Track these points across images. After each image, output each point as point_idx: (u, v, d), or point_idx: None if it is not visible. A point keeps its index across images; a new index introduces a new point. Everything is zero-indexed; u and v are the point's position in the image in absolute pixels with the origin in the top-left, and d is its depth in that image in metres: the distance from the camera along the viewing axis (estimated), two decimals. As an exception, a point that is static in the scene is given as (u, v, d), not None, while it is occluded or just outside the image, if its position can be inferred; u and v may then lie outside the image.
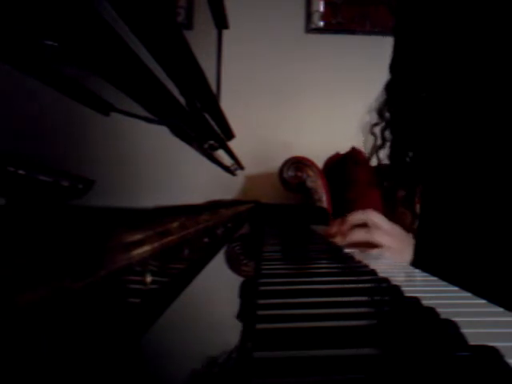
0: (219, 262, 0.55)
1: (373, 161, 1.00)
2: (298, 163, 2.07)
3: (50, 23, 0.23)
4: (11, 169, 0.20)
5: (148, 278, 0.26)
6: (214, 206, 0.69)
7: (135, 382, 0.22)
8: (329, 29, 2.42)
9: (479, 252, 0.73)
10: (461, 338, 0.30)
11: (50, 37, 0.24)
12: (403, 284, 0.45)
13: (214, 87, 1.47)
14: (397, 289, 0.43)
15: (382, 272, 0.53)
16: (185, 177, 0.67)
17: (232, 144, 1.11)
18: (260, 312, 0.36)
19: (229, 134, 1.06)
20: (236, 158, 1.26)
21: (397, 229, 0.83)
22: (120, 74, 0.33)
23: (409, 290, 0.43)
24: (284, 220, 1.64)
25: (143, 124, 0.43)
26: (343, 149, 2.13)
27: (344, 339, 0.30)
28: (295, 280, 0.52)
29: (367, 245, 0.81)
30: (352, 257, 0.67)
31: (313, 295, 0.42)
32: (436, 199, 0.85)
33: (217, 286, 0.50)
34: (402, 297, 0.41)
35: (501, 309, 0.39)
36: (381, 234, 0.80)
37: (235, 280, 0.54)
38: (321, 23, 2.41)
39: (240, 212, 1.03)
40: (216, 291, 0.48)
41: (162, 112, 0.46)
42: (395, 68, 0.90)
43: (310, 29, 2.42)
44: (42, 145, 0.25)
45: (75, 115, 0.29)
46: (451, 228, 0.79)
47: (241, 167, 1.42)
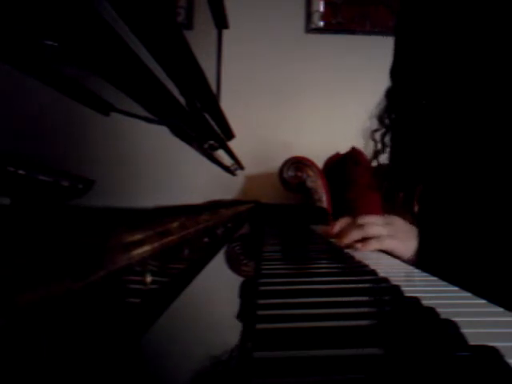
0: (219, 262, 0.55)
1: (373, 165, 1.01)
2: (298, 163, 2.07)
3: (50, 23, 0.23)
4: (11, 169, 0.20)
5: (148, 278, 0.26)
6: (214, 206, 0.69)
7: (135, 382, 0.22)
8: (329, 29, 2.42)
9: (479, 252, 0.73)
10: (461, 338, 0.30)
11: (50, 37, 0.24)
12: (403, 284, 0.45)
13: (214, 87, 1.47)
14: (397, 289, 0.43)
15: (382, 272, 0.53)
16: (185, 177, 0.66)
17: (232, 144, 1.11)
18: (260, 312, 0.36)
19: (229, 134, 1.06)
20: (236, 158, 1.26)
21: (397, 219, 0.82)
22: (120, 74, 0.33)
23: (409, 290, 0.43)
24: (284, 220, 1.65)
25: (143, 124, 0.43)
26: (343, 149, 2.13)
27: (344, 339, 0.30)
28: (295, 280, 0.52)
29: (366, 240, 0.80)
30: (352, 257, 0.67)
31: (313, 295, 0.42)
32: (436, 200, 0.85)
33: (217, 286, 0.50)
34: (402, 297, 0.41)
35: (501, 309, 0.39)
36: (378, 228, 0.79)
37: (235, 280, 0.54)
38: (321, 23, 2.41)
39: (240, 212, 1.03)
40: (216, 291, 0.48)
41: (162, 112, 0.46)
42: (396, 74, 0.90)
43: (310, 29, 2.42)
44: (42, 145, 0.25)
45: (75, 115, 0.29)
46: (451, 228, 0.79)
47: (241, 167, 1.42)
